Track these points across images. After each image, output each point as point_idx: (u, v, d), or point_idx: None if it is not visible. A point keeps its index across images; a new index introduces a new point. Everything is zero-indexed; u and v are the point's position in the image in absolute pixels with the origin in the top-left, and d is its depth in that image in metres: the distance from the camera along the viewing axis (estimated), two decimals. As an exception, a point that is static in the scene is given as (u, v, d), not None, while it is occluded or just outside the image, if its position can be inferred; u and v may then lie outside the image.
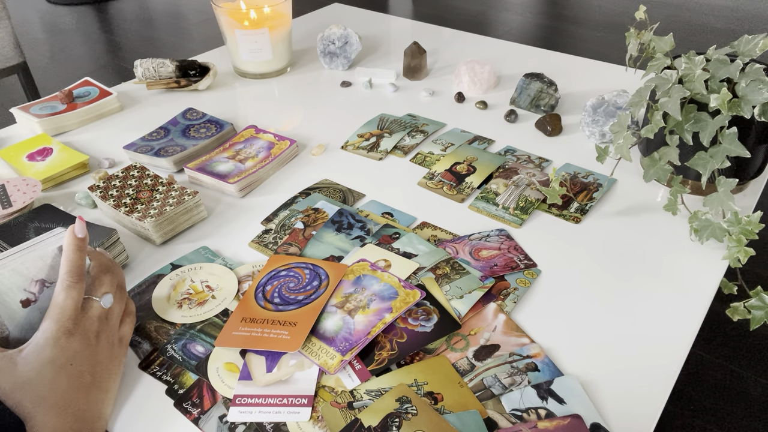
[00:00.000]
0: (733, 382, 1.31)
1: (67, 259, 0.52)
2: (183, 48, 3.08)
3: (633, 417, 0.52)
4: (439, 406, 0.53)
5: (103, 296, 0.54)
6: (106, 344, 0.54)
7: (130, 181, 0.78)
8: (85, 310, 0.53)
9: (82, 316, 0.52)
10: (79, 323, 0.51)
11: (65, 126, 0.97)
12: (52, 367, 0.49)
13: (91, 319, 0.53)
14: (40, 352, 0.49)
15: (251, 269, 0.68)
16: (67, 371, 0.49)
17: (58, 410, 0.48)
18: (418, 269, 0.67)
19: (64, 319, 0.50)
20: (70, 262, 0.52)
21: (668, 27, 3.00)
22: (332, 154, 0.91)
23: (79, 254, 0.52)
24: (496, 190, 0.80)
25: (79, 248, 0.53)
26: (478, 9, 3.39)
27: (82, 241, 0.53)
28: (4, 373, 0.48)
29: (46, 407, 0.48)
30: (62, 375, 0.49)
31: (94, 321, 0.53)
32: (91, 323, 0.52)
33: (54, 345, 0.49)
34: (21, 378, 0.48)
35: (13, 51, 1.56)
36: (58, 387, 0.49)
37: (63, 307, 0.51)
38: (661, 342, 0.59)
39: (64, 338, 0.50)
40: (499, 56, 1.19)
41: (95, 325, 0.53)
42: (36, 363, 0.49)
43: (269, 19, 1.09)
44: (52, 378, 0.49)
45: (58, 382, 0.49)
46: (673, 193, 0.71)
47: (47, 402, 0.48)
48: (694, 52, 0.70)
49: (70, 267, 0.52)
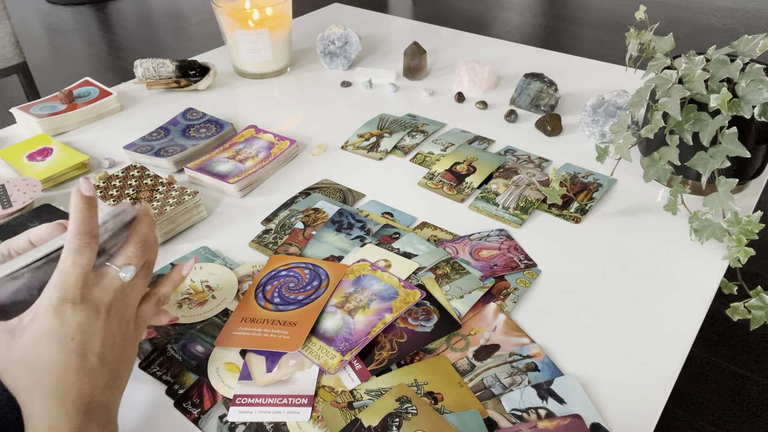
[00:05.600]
0: (733, 382, 1.31)
1: (75, 218, 0.44)
2: (183, 48, 3.08)
3: (633, 417, 0.52)
4: (439, 406, 0.53)
5: (124, 267, 0.47)
6: (119, 321, 0.46)
7: (130, 181, 0.78)
8: (99, 277, 0.45)
9: (93, 285, 0.45)
10: (88, 292, 0.44)
11: (65, 126, 0.97)
12: (49, 340, 0.42)
13: (104, 289, 0.45)
14: (37, 321, 0.43)
15: (251, 269, 0.68)
16: (66, 347, 0.43)
17: (57, 398, 0.42)
18: (418, 269, 0.67)
19: (69, 287, 0.43)
20: (79, 221, 0.44)
21: (668, 27, 3.00)
22: (332, 154, 0.91)
23: (88, 213, 0.45)
24: (496, 190, 0.80)
25: (89, 206, 0.45)
26: (478, 9, 3.39)
27: (91, 200, 0.45)
28: (1, 344, 0.43)
29: (42, 393, 0.42)
30: (61, 351, 0.42)
31: (107, 292, 0.45)
32: (102, 294, 0.45)
33: (54, 314, 0.42)
34: (16, 351, 0.42)
35: (13, 51, 1.56)
36: (56, 366, 0.42)
37: (68, 273, 0.43)
38: (661, 342, 0.59)
39: (67, 307, 0.43)
40: (499, 56, 1.19)
41: (108, 298, 0.45)
42: (32, 335, 0.42)
43: (269, 19, 1.09)
44: (49, 354, 0.42)
45: (56, 360, 0.42)
46: (673, 193, 0.71)
47: (44, 386, 0.42)
48: (694, 52, 0.70)
49: (78, 227, 0.44)
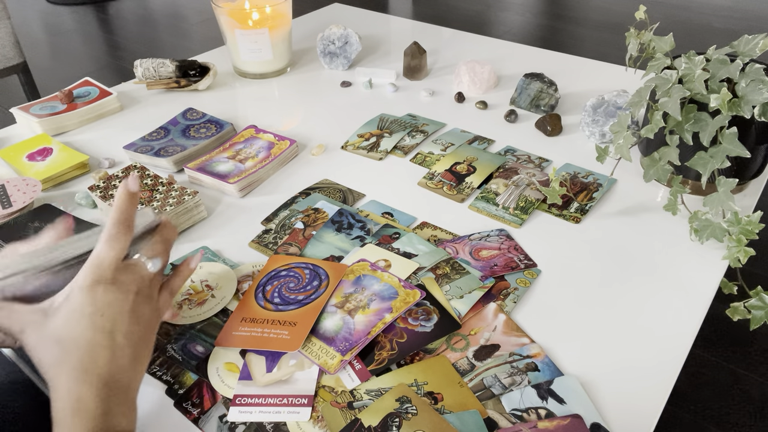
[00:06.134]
0: (733, 382, 1.31)
1: (118, 208, 0.47)
2: (183, 48, 3.08)
3: (633, 417, 0.52)
4: (439, 406, 0.53)
5: (153, 259, 0.50)
6: (144, 304, 0.49)
7: (130, 181, 0.78)
8: (129, 267, 0.48)
9: (123, 269, 0.48)
10: (119, 276, 0.47)
11: (65, 126, 0.97)
12: (80, 315, 0.45)
13: (133, 275, 0.48)
14: (70, 300, 0.45)
15: (251, 269, 0.68)
16: (96, 323, 0.45)
17: (83, 372, 0.44)
18: (418, 269, 0.67)
19: (102, 269, 0.46)
20: (120, 212, 0.47)
21: (668, 27, 3.00)
22: (332, 154, 0.91)
23: (130, 206, 0.48)
24: (496, 190, 0.80)
25: (131, 200, 0.48)
26: (478, 9, 3.39)
27: (135, 196, 0.49)
28: (34, 325, 0.45)
29: (69, 367, 0.44)
30: (90, 327, 0.45)
31: (135, 279, 0.48)
32: (131, 280, 0.48)
33: (86, 293, 0.45)
34: (47, 328, 0.45)
35: (13, 51, 1.56)
36: (84, 340, 0.44)
37: (102, 257, 0.46)
38: (661, 342, 0.59)
39: (99, 287, 0.46)
40: (499, 56, 1.19)
41: (136, 283, 0.48)
42: (64, 311, 0.45)
43: (269, 19, 1.09)
44: (79, 329, 0.45)
45: (85, 335, 0.45)
46: (673, 193, 0.71)
47: (71, 360, 0.44)
48: (694, 52, 0.70)
49: (118, 217, 0.47)
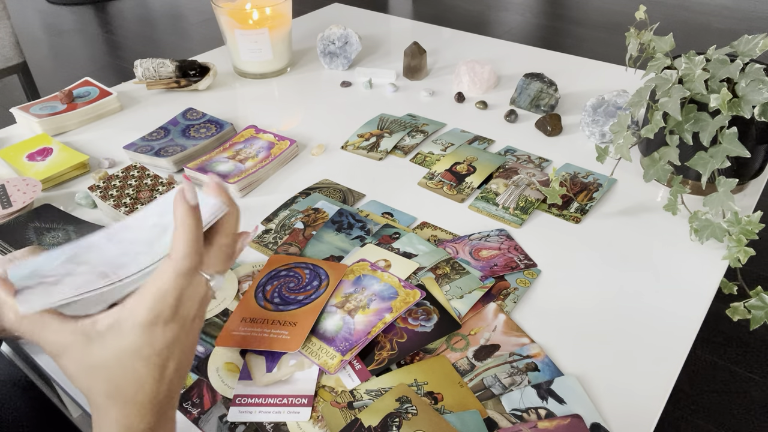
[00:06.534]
0: (733, 382, 1.31)
1: (186, 237, 0.39)
2: (183, 48, 3.08)
3: (633, 417, 0.52)
4: (439, 406, 0.53)
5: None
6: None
7: (130, 181, 0.78)
8: (188, 291, 0.41)
9: (182, 302, 0.41)
10: (178, 311, 0.40)
11: (65, 126, 0.97)
12: (137, 358, 0.39)
13: (192, 301, 0.41)
14: (124, 337, 0.39)
15: (251, 269, 0.68)
16: (151, 363, 0.40)
17: (136, 406, 0.40)
18: (418, 269, 0.67)
19: (162, 308, 0.39)
20: (189, 242, 0.39)
21: (668, 27, 3.00)
22: (332, 154, 0.91)
23: (197, 229, 0.40)
24: (496, 190, 0.80)
25: (197, 222, 0.40)
26: (478, 9, 3.39)
27: (197, 210, 0.40)
28: (74, 350, 0.39)
29: (122, 401, 0.40)
30: (146, 368, 0.40)
31: (195, 304, 0.42)
32: (191, 307, 0.41)
33: (143, 333, 0.39)
34: (94, 360, 0.39)
35: (13, 51, 1.56)
36: (138, 380, 0.40)
37: (166, 294, 0.39)
38: (662, 342, 0.59)
39: (158, 327, 0.40)
40: (499, 56, 1.19)
41: (194, 310, 0.42)
42: (115, 348, 0.39)
43: (269, 19, 1.09)
44: (133, 370, 0.39)
45: (139, 374, 0.40)
46: (673, 193, 0.71)
47: (123, 395, 0.40)
48: (694, 52, 0.70)
49: (188, 248, 0.39)
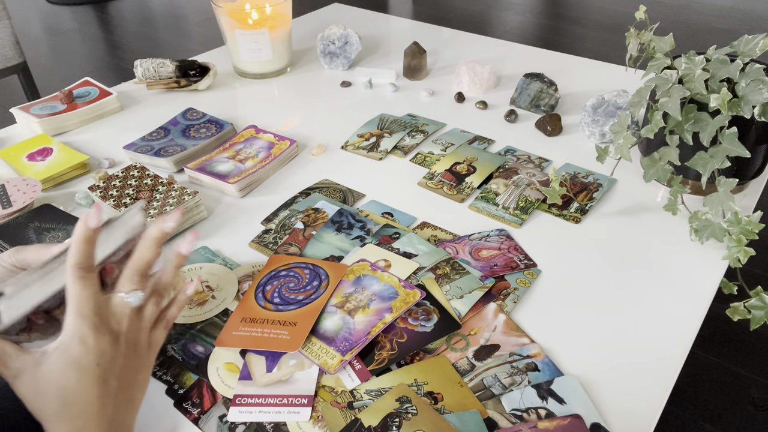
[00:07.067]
0: (733, 382, 1.31)
1: (76, 250, 0.46)
2: (183, 48, 3.08)
3: (633, 417, 0.52)
4: (439, 406, 0.53)
5: (131, 293, 0.48)
6: (134, 347, 0.48)
7: (130, 181, 0.78)
8: (111, 307, 0.47)
9: (108, 313, 0.47)
10: (106, 322, 0.46)
11: (65, 126, 0.97)
12: (78, 367, 0.44)
13: (117, 317, 0.47)
14: (65, 350, 0.44)
15: (251, 269, 0.68)
16: (91, 373, 0.44)
17: (84, 419, 0.43)
18: (418, 269, 0.67)
19: (85, 314, 0.45)
20: (78, 254, 0.46)
21: (668, 27, 3.00)
22: (332, 154, 0.91)
23: (87, 247, 0.46)
24: (496, 190, 0.80)
25: (88, 240, 0.46)
26: (478, 9, 3.39)
27: (94, 233, 0.47)
28: (26, 375, 0.44)
29: (70, 417, 0.43)
30: (87, 377, 0.44)
31: (121, 320, 0.47)
32: (118, 322, 0.47)
33: (80, 342, 0.44)
34: (43, 381, 0.44)
35: (13, 51, 1.56)
36: (83, 391, 0.44)
37: (81, 296, 0.45)
38: (661, 342, 0.59)
39: (92, 335, 0.45)
40: (499, 56, 1.19)
41: (123, 325, 0.47)
42: (60, 362, 0.44)
43: (269, 19, 1.09)
44: (77, 380, 0.44)
45: (84, 385, 0.44)
46: (673, 193, 0.71)
47: (71, 411, 0.43)
48: (694, 52, 0.70)
49: (77, 259, 0.45)
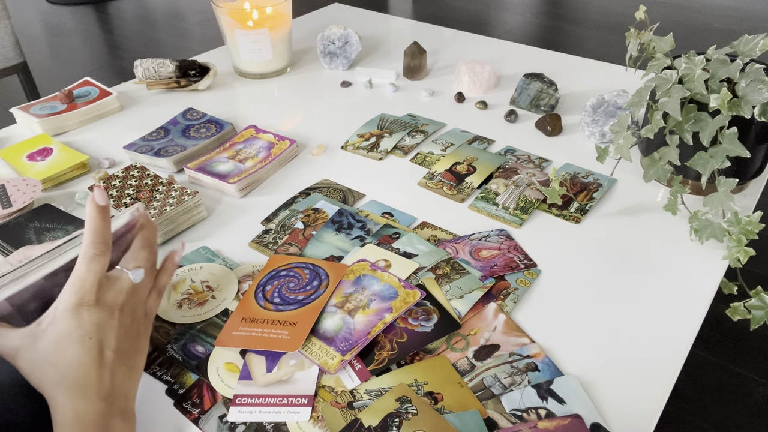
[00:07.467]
0: (733, 382, 1.31)
1: (92, 228, 0.48)
2: (183, 48, 3.08)
3: (633, 417, 0.52)
4: (439, 406, 0.53)
5: (134, 270, 0.51)
6: (131, 318, 0.50)
7: (130, 181, 0.78)
8: (111, 281, 0.49)
9: (107, 288, 0.49)
10: (102, 295, 0.48)
11: (65, 126, 0.97)
12: (69, 340, 0.46)
13: (116, 291, 0.49)
14: (58, 323, 0.46)
15: (251, 269, 0.68)
16: (85, 345, 0.46)
17: (80, 390, 0.45)
18: (418, 269, 0.67)
19: (85, 291, 0.47)
20: (95, 232, 0.48)
21: (668, 27, 3.00)
22: (332, 154, 0.91)
23: (103, 223, 0.48)
24: (496, 190, 0.80)
25: (103, 216, 0.49)
26: (478, 9, 3.39)
27: (105, 209, 0.49)
28: (24, 350, 0.46)
29: (66, 386, 0.45)
30: (81, 349, 0.46)
31: (119, 294, 0.49)
32: (115, 296, 0.49)
33: (71, 317, 0.46)
34: (41, 354, 0.45)
35: (13, 51, 1.56)
36: (77, 363, 0.46)
37: (83, 279, 0.47)
38: (661, 342, 0.59)
39: (84, 310, 0.47)
40: (499, 56, 1.19)
41: (120, 298, 0.49)
42: (54, 336, 0.46)
43: (269, 19, 1.09)
44: (70, 352, 0.46)
45: (77, 357, 0.46)
46: (673, 193, 0.71)
47: (68, 380, 0.45)
48: (694, 52, 0.70)
49: (93, 237, 0.48)
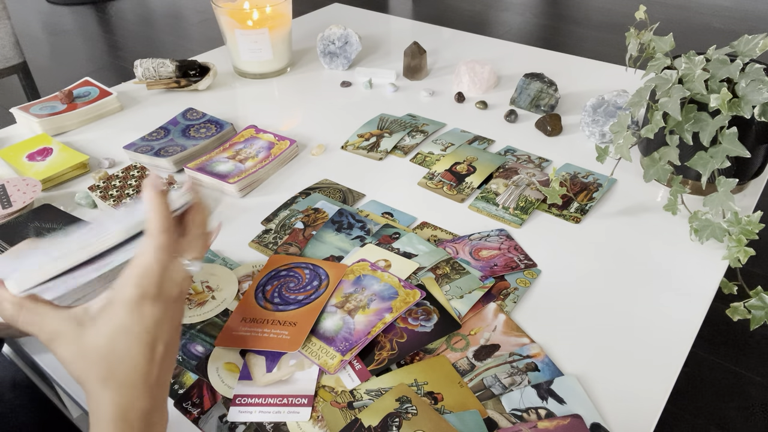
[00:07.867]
0: (733, 382, 1.31)
1: (157, 215, 0.42)
2: (183, 48, 3.08)
3: (633, 417, 0.52)
4: (439, 406, 0.53)
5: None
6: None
7: (130, 181, 0.78)
8: (169, 271, 0.44)
9: (166, 279, 0.43)
10: (162, 288, 0.43)
11: (65, 126, 0.97)
12: (127, 336, 0.41)
13: (173, 282, 0.44)
14: (113, 317, 0.41)
15: (251, 269, 0.68)
16: (142, 341, 0.42)
17: (129, 387, 0.41)
18: (418, 269, 0.67)
19: (150, 284, 0.42)
20: (162, 217, 0.42)
21: (668, 27, 3.00)
22: (332, 154, 0.91)
23: (166, 207, 0.43)
24: (496, 190, 0.80)
25: (164, 202, 0.43)
26: (478, 9, 3.39)
27: (165, 194, 0.44)
28: (67, 337, 0.41)
29: (115, 383, 0.41)
30: (137, 345, 0.42)
31: (176, 285, 0.44)
32: (172, 287, 0.44)
33: (133, 310, 0.41)
34: (88, 345, 0.41)
35: (13, 51, 1.56)
36: (130, 359, 0.42)
37: (149, 269, 0.42)
38: (661, 342, 0.59)
39: (147, 304, 0.42)
40: (499, 56, 1.19)
41: (176, 290, 0.44)
42: (107, 329, 0.41)
43: (269, 19, 1.09)
44: (125, 349, 0.41)
45: (132, 353, 0.42)
46: (673, 193, 0.71)
47: (117, 377, 0.41)
48: (694, 52, 0.70)
49: (162, 223, 0.42)
